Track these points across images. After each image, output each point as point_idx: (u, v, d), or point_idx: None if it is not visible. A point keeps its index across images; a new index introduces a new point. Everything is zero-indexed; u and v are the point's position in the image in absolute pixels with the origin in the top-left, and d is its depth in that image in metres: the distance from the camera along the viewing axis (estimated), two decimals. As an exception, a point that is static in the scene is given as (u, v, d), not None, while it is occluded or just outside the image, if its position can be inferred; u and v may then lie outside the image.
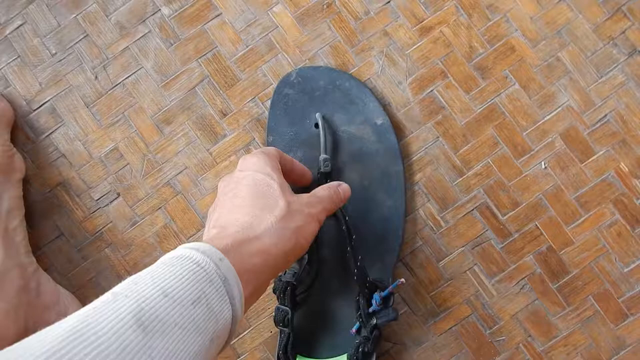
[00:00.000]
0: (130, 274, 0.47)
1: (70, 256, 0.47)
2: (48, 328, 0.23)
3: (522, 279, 0.46)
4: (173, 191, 0.47)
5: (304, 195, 0.36)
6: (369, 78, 0.47)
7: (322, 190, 0.38)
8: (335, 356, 0.45)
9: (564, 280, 0.46)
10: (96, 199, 0.47)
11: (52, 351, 0.21)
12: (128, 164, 0.47)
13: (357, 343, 0.43)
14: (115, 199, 0.47)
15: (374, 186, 0.46)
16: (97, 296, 0.31)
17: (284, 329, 0.43)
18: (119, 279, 0.47)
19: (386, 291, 0.43)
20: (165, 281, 0.26)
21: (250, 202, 0.33)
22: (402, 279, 0.43)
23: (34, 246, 0.45)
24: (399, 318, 0.45)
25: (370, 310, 0.43)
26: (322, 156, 0.44)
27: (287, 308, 0.43)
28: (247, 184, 0.34)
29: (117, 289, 0.26)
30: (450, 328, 0.47)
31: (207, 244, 0.29)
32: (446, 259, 0.47)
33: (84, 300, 0.46)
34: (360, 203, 0.45)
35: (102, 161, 0.47)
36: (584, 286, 0.46)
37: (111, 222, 0.47)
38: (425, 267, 0.47)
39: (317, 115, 0.44)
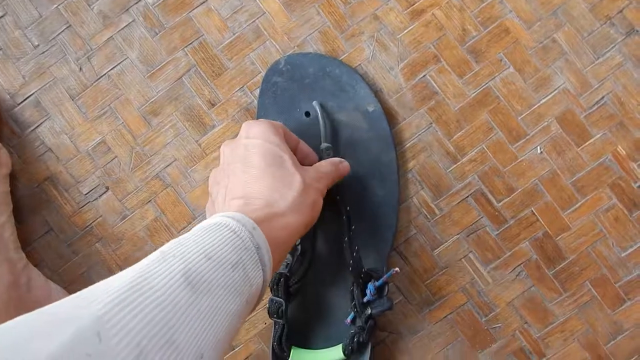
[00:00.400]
0: (121, 268, 0.47)
1: (61, 251, 0.47)
2: (111, 278, 0.25)
3: (518, 265, 0.46)
4: (162, 184, 0.47)
5: (310, 169, 0.38)
6: (359, 64, 0.46)
7: (325, 165, 0.39)
8: (330, 347, 0.44)
9: (561, 266, 0.45)
10: (85, 193, 0.47)
11: (117, 300, 0.23)
12: (116, 157, 0.46)
13: (352, 333, 0.43)
14: (104, 192, 0.47)
15: (367, 175, 0.45)
16: None
17: (279, 320, 0.43)
18: (111, 273, 0.47)
19: (380, 281, 0.42)
20: (207, 245, 0.28)
21: (269, 174, 0.35)
22: (397, 268, 0.43)
23: (24, 242, 0.45)
24: (394, 307, 0.45)
25: (365, 300, 0.42)
26: (324, 144, 0.43)
27: (280, 299, 0.42)
28: (259, 152, 0.36)
29: (165, 248, 0.28)
30: (446, 316, 0.46)
31: (241, 214, 0.31)
32: (441, 247, 0.46)
33: (76, 295, 0.46)
34: (352, 192, 0.44)
35: (90, 155, 0.46)
36: (581, 272, 0.45)
37: (101, 216, 0.47)
38: (419, 255, 0.46)
39: (315, 103, 0.43)
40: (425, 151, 0.46)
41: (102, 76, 0.46)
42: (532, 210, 0.45)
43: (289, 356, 0.43)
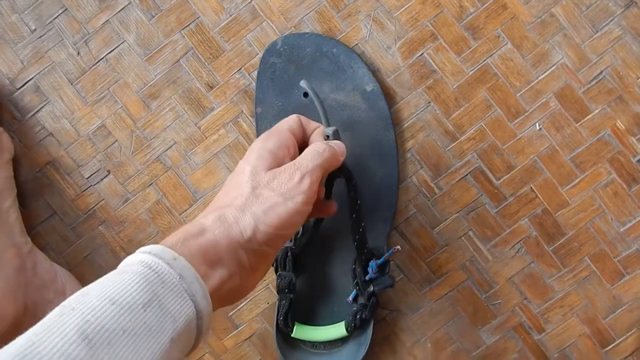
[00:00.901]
0: (125, 250, 0.48)
1: (65, 235, 0.47)
2: (2, 349, 0.23)
3: (518, 242, 0.46)
4: (163, 167, 0.47)
5: (302, 156, 0.34)
6: (357, 44, 0.46)
7: (310, 152, 0.35)
8: (333, 324, 0.45)
9: (560, 242, 0.46)
10: (86, 177, 0.47)
11: None
12: (116, 140, 0.47)
13: (354, 310, 0.44)
14: (106, 176, 0.47)
15: (366, 154, 0.45)
16: (93, 273, 0.31)
17: (289, 294, 0.44)
18: (114, 255, 0.47)
19: (382, 259, 0.43)
20: (114, 288, 0.26)
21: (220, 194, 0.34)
22: (398, 247, 0.43)
23: (28, 226, 0.46)
24: (395, 285, 0.45)
25: (367, 278, 0.43)
26: (329, 129, 0.39)
27: (290, 273, 0.43)
28: (232, 176, 0.35)
29: (66, 302, 0.25)
30: (446, 294, 0.47)
31: (160, 246, 0.29)
32: (440, 225, 0.46)
33: (80, 278, 0.47)
34: (352, 172, 0.45)
35: (90, 139, 0.47)
36: (580, 247, 0.46)
37: (103, 199, 0.47)
38: (419, 234, 0.47)
39: (302, 82, 0.40)
40: (423, 130, 0.46)
41: (99, 60, 0.46)
42: (531, 187, 0.46)
43: (292, 332, 0.44)
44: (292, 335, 0.44)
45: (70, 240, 0.47)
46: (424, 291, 0.47)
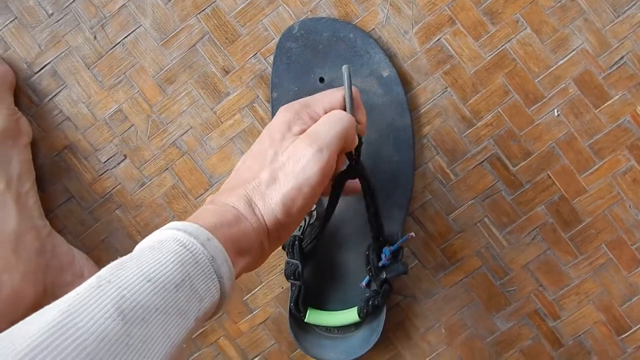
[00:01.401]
0: (141, 234, 0.48)
1: (82, 218, 0.48)
2: (34, 317, 0.23)
3: (534, 229, 0.46)
4: (179, 151, 0.47)
5: (313, 129, 0.33)
6: (373, 28, 0.45)
7: (324, 124, 0.34)
8: (346, 309, 0.45)
9: (577, 229, 0.45)
10: (103, 161, 0.47)
11: (33, 346, 0.21)
12: (133, 125, 0.47)
13: (367, 296, 0.44)
14: (123, 160, 0.47)
15: (382, 140, 0.45)
16: (110, 257, 0.31)
17: (295, 282, 0.44)
18: (131, 239, 0.48)
19: (396, 245, 0.43)
20: (149, 266, 0.26)
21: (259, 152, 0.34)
22: (412, 233, 0.43)
23: (46, 209, 0.46)
24: (409, 271, 0.45)
25: (380, 264, 0.43)
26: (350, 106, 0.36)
27: (296, 262, 0.43)
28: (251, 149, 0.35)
29: (103, 272, 0.26)
30: (461, 280, 0.47)
31: (195, 224, 0.29)
32: (456, 211, 0.46)
33: (97, 261, 0.47)
34: (367, 158, 0.45)
35: (107, 123, 0.47)
36: (597, 234, 0.45)
37: (120, 183, 0.47)
38: (434, 220, 0.46)
39: (345, 67, 0.37)
40: (440, 116, 0.46)
41: (116, 44, 0.46)
42: (548, 174, 0.45)
43: (305, 317, 0.44)
44: (305, 320, 0.45)
45: (87, 223, 0.48)
46: (439, 277, 0.47)
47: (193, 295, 0.27)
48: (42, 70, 0.47)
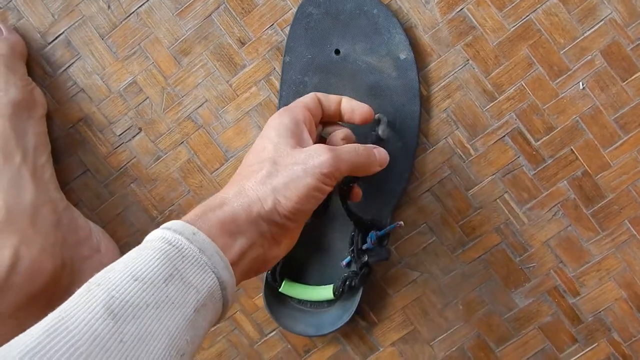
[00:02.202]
0: (157, 208, 0.48)
1: (98, 191, 0.47)
2: (31, 329, 0.24)
3: (555, 205, 0.45)
4: (194, 125, 0.46)
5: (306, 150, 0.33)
6: (394, -2, 0.44)
7: (349, 152, 0.35)
8: (323, 285, 0.45)
9: (599, 205, 0.45)
10: (118, 134, 0.47)
11: (26, 350, 0.22)
12: (147, 97, 0.46)
13: (344, 276, 0.44)
14: (138, 133, 0.47)
15: (387, 124, 0.44)
16: (125, 230, 0.31)
17: None
18: (146, 213, 0.47)
19: (383, 231, 0.43)
20: (136, 265, 0.27)
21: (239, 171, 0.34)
22: (401, 222, 0.43)
23: (61, 182, 0.46)
24: (390, 258, 0.44)
25: (364, 247, 0.43)
26: (383, 121, 0.40)
27: None
28: (250, 152, 0.35)
29: (93, 278, 0.27)
30: (479, 256, 0.46)
31: (180, 221, 0.29)
32: (475, 187, 0.46)
33: (113, 235, 0.47)
34: (370, 138, 0.44)
35: (122, 95, 0.46)
36: (620, 211, 0.44)
37: (135, 157, 0.47)
38: (453, 196, 0.46)
39: (379, 115, 0.41)
40: (461, 89, 0.45)
41: (130, 14, 0.45)
42: (571, 149, 0.44)
43: (280, 286, 0.44)
44: (279, 290, 0.45)
45: (103, 197, 0.47)
46: (457, 254, 0.46)
47: (186, 287, 0.27)
48: (56, 40, 0.46)
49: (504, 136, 0.45)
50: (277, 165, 0.32)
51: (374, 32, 0.43)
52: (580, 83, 0.43)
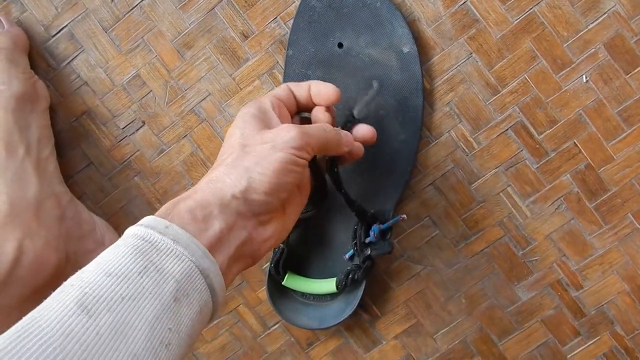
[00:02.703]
0: (160, 202, 0.48)
1: (101, 185, 0.47)
2: (6, 332, 0.24)
3: (558, 198, 0.45)
4: (198, 118, 0.46)
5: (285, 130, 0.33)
6: (397, -9, 0.44)
7: (315, 130, 0.35)
8: (325, 278, 0.45)
9: (602, 198, 0.45)
10: (122, 127, 0.47)
11: None
12: (151, 91, 0.46)
13: (347, 270, 0.44)
14: (141, 127, 0.47)
15: (389, 117, 0.44)
16: (129, 224, 0.31)
17: (280, 244, 0.44)
18: (150, 206, 0.47)
19: (386, 225, 0.43)
20: (108, 262, 0.27)
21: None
22: (404, 215, 0.43)
23: (65, 175, 0.46)
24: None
25: (367, 240, 0.43)
26: (357, 109, 0.39)
27: None
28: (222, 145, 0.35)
29: (66, 281, 0.27)
30: (482, 250, 0.46)
31: (152, 217, 0.29)
32: (478, 181, 0.46)
33: (117, 228, 0.47)
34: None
35: (125, 89, 0.46)
36: (623, 204, 0.44)
37: (138, 150, 0.47)
38: (456, 189, 0.46)
39: (374, 82, 0.41)
40: (464, 83, 0.45)
41: (134, 7, 0.45)
42: (574, 142, 0.44)
43: (283, 280, 0.45)
44: (282, 283, 0.45)
45: (106, 190, 0.47)
46: (460, 247, 0.46)
47: (162, 277, 0.27)
48: (59, 34, 0.46)
49: (507, 129, 0.45)
50: (246, 148, 0.32)
51: (376, 25, 0.43)
52: (584, 76, 0.43)
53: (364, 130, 0.39)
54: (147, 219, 0.29)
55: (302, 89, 0.37)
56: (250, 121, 0.34)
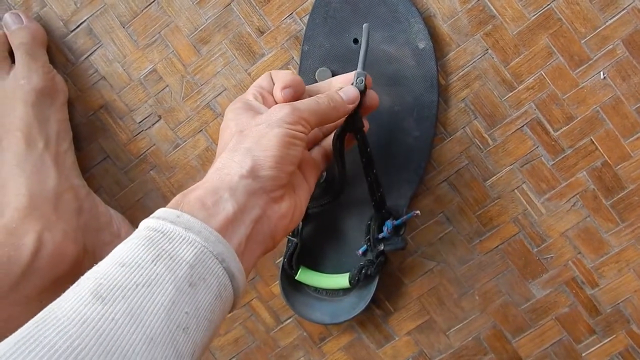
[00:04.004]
0: (175, 195, 0.48)
1: (117, 178, 0.48)
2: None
3: (574, 196, 0.45)
4: (213, 113, 0.47)
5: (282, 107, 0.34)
6: (413, -14, 0.44)
7: (307, 102, 0.35)
8: (338, 273, 0.45)
9: (619, 196, 0.44)
10: (138, 121, 0.47)
11: (16, 340, 0.23)
12: (167, 85, 0.47)
13: (360, 265, 0.44)
14: (157, 121, 0.47)
15: (404, 113, 0.44)
16: (145, 216, 0.32)
17: (292, 238, 0.44)
18: (165, 200, 0.48)
19: (399, 220, 0.43)
20: (122, 254, 0.27)
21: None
22: (418, 211, 0.43)
23: (82, 169, 0.46)
24: (406, 248, 0.44)
25: (380, 236, 0.43)
26: (358, 71, 0.38)
27: None
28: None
29: (83, 276, 0.27)
30: (496, 247, 0.46)
31: (163, 208, 0.30)
32: (493, 177, 0.45)
33: (133, 222, 0.47)
34: (386, 128, 0.44)
35: (142, 83, 0.47)
36: (641, 202, 0.44)
37: (154, 144, 0.48)
38: (471, 186, 0.46)
39: (365, 26, 0.39)
40: (480, 79, 0.44)
41: (151, 3, 0.45)
42: (591, 139, 0.44)
43: (296, 274, 0.45)
44: (295, 277, 0.45)
45: (123, 183, 0.48)
46: (474, 244, 0.46)
47: (176, 263, 0.27)
48: (78, 29, 0.46)
49: (523, 126, 0.45)
50: (243, 132, 0.33)
51: (393, 21, 0.43)
52: (601, 73, 0.43)
53: (350, 92, 0.37)
54: (159, 211, 0.30)
55: (279, 76, 0.38)
56: (240, 112, 0.35)
